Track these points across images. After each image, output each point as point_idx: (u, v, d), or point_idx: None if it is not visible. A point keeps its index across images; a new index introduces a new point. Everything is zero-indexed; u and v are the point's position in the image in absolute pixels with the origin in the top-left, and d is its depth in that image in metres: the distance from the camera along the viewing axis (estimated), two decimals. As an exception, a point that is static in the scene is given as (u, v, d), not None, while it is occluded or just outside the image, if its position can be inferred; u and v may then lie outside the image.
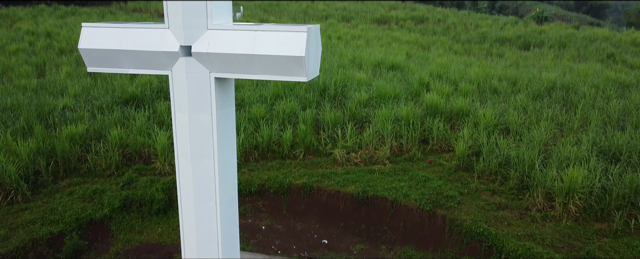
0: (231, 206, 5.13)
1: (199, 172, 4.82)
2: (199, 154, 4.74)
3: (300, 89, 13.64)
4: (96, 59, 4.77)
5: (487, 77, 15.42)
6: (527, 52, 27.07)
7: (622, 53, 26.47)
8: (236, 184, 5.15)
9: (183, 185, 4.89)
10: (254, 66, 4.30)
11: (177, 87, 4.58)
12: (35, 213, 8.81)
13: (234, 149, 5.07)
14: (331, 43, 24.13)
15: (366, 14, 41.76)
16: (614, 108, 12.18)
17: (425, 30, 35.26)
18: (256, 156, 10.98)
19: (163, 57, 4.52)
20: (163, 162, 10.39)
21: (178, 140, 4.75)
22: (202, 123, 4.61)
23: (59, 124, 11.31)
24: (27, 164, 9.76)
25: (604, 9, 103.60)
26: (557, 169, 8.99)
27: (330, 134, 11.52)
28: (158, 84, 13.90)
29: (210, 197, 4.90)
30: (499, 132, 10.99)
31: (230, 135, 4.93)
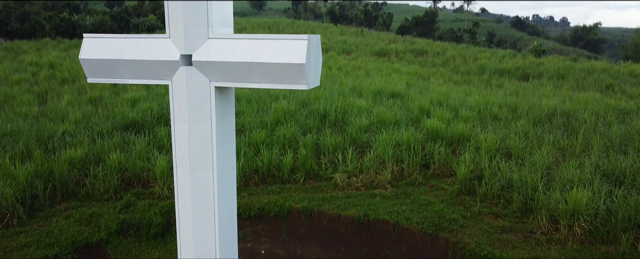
0: (230, 219, 5.03)
1: (198, 184, 4.74)
2: (198, 165, 4.68)
3: (301, 115, 13.64)
4: (97, 69, 4.77)
5: (487, 104, 15.45)
6: (526, 82, 27.26)
7: (621, 84, 26.63)
8: (235, 197, 5.06)
9: (181, 196, 4.80)
10: (254, 74, 4.29)
11: (177, 97, 4.56)
12: (30, 236, 8.64)
13: (233, 162, 5.01)
14: (332, 73, 24.33)
15: (366, 47, 42.29)
16: (615, 133, 12.14)
17: (424, 62, 35.62)
18: (256, 181, 10.87)
19: (163, 67, 4.52)
20: (162, 186, 10.28)
21: (177, 150, 4.69)
22: (201, 133, 4.57)
23: (58, 149, 11.25)
24: (25, 188, 9.65)
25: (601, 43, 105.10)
26: (561, 191, 8.88)
27: (331, 159, 11.45)
28: (159, 110, 13.92)
29: (209, 209, 4.80)
30: (501, 157, 10.91)
31: (229, 146, 4.88)
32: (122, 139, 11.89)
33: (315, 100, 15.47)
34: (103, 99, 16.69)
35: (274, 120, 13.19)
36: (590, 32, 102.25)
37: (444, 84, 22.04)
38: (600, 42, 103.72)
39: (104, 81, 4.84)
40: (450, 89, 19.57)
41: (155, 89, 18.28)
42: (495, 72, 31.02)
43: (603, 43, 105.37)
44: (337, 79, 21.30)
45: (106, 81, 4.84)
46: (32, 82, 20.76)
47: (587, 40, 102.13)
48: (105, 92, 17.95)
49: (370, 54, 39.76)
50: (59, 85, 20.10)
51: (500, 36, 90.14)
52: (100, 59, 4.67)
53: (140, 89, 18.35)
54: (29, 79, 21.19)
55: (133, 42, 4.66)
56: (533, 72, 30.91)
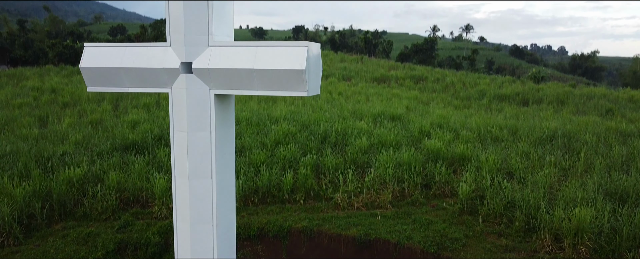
0: (229, 229, 4.95)
1: (196, 193, 4.68)
2: (197, 174, 4.63)
3: (301, 137, 13.62)
4: (97, 78, 4.77)
5: (487, 126, 15.45)
6: (526, 107, 27.34)
7: (621, 109, 26.71)
8: (234, 207, 4.99)
9: (179, 206, 4.74)
10: (254, 81, 4.29)
11: (176, 105, 4.54)
12: (26, 256, 8.51)
13: (232, 171, 4.96)
14: (332, 98, 24.42)
15: (366, 74, 42.60)
16: (617, 153, 12.09)
17: (424, 88, 35.82)
18: (256, 201, 10.77)
19: (163, 75, 4.52)
20: (161, 206, 10.18)
21: (176, 159, 4.65)
22: (200, 141, 4.54)
23: (57, 169, 11.19)
24: (22, 207, 9.55)
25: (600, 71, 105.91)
26: (564, 210, 8.77)
27: (332, 179, 11.37)
28: (159, 132, 13.91)
29: (207, 219, 4.73)
30: (503, 176, 10.84)
31: (229, 155, 4.84)
32: (121, 159, 11.84)
33: (315, 122, 15.48)
34: (104, 121, 16.70)
35: (274, 141, 13.17)
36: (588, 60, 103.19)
37: (444, 108, 22.09)
38: (599, 70, 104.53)
39: (104, 90, 4.84)
40: (450, 113, 19.61)
41: (155, 112, 18.32)
42: (495, 98, 31.15)
43: (601, 71, 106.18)
44: (337, 103, 21.36)
45: (106, 90, 4.84)
46: (34, 106, 20.84)
47: (586, 68, 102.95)
48: (106, 116, 17.98)
49: (371, 80, 40.02)
50: (60, 109, 20.15)
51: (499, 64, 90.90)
52: (100, 67, 4.68)
53: (141, 111, 18.40)
54: (30, 103, 21.27)
55: (133, 51, 4.68)
56: (532, 98, 31.04)
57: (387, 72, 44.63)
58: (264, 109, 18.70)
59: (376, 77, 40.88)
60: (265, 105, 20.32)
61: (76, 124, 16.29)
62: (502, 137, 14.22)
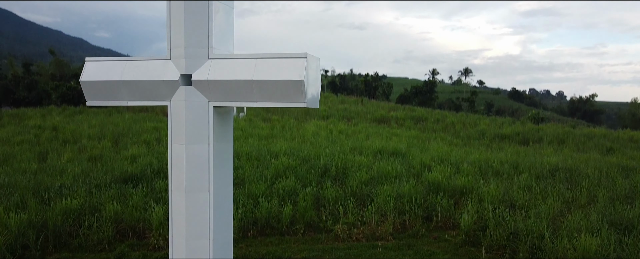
0: (226, 246, 4.83)
1: (193, 207, 4.60)
2: (194, 188, 4.57)
3: (301, 170, 13.55)
4: (96, 91, 4.80)
5: (488, 161, 15.38)
6: (526, 146, 27.31)
7: (622, 148, 26.68)
8: (231, 223, 4.90)
9: (175, 221, 4.65)
10: (253, 92, 4.30)
11: (175, 118, 4.54)
12: (17, 286, 8.29)
13: (230, 187, 4.90)
14: (332, 136, 24.46)
15: (366, 114, 42.85)
16: (620, 186, 11.98)
17: (424, 128, 35.92)
18: (254, 232, 10.58)
19: (163, 87, 4.54)
20: (157, 238, 9.99)
21: (173, 172, 4.60)
22: (198, 154, 4.50)
23: (53, 200, 11.06)
24: (16, 238, 9.38)
25: (599, 114, 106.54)
26: (569, 239, 8.60)
27: (332, 211, 11.21)
28: (158, 165, 13.85)
29: (203, 234, 4.63)
30: (505, 207, 10.69)
31: (227, 170, 4.79)
32: (119, 191, 11.73)
33: (315, 156, 15.43)
34: (103, 156, 16.67)
35: (274, 174, 13.09)
36: (586, 103, 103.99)
37: (445, 146, 22.07)
38: (598, 113, 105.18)
39: (103, 103, 4.85)
40: (451, 149, 19.58)
41: (156, 147, 18.31)
42: (495, 137, 31.19)
43: (600, 114, 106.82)
44: (337, 140, 21.38)
45: (105, 103, 4.86)
46: (34, 142, 20.86)
47: (584, 111, 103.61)
48: (106, 151, 17.96)
49: (371, 120, 40.21)
50: (61, 145, 20.16)
51: (498, 106, 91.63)
52: (100, 80, 4.72)
53: (141, 147, 18.39)
54: (31, 140, 21.31)
55: (134, 64, 4.73)
56: (533, 137, 31.07)
57: (387, 113, 44.89)
58: (264, 145, 18.69)
59: (376, 117, 41.09)
60: (265, 142, 20.33)
61: (76, 159, 16.25)
62: (503, 172, 14.14)
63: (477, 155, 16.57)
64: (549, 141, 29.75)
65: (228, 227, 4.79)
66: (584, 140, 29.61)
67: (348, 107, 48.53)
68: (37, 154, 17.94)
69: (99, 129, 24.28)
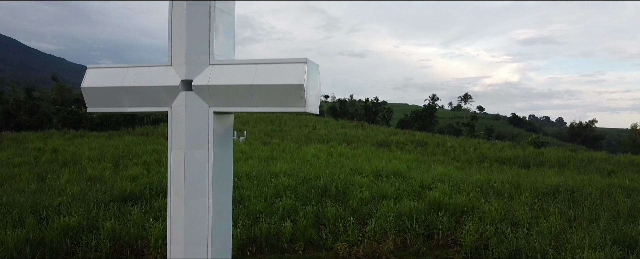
0: (224, 253, 4.78)
1: (192, 213, 4.56)
2: (193, 193, 4.54)
3: (301, 189, 13.49)
4: (97, 98, 4.82)
5: (489, 182, 15.32)
6: (527, 169, 27.23)
7: (623, 171, 26.60)
8: (230, 231, 4.85)
9: (173, 227, 4.59)
10: (253, 97, 4.32)
11: (175, 124, 4.55)
12: (12, 302, 8.15)
13: (230, 194, 4.86)
14: (333, 158, 24.42)
15: (367, 138, 42.87)
16: (622, 205, 11.90)
17: (425, 152, 35.88)
18: (254, 250, 10.47)
19: (164, 93, 4.56)
20: (156, 255, 9.87)
21: (172, 177, 4.58)
22: (198, 159, 4.49)
23: (51, 218, 10.98)
24: (12, 255, 9.27)
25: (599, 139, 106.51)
26: (572, 255, 8.51)
27: (332, 229, 11.11)
28: (158, 184, 13.79)
29: (202, 240, 4.58)
30: (507, 225, 10.60)
31: (226, 176, 4.77)
32: (118, 209, 11.65)
33: (315, 177, 15.37)
34: (103, 177, 16.61)
35: (274, 193, 13.02)
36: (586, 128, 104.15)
37: (446, 168, 22.01)
38: (598, 139, 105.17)
39: (103, 110, 4.86)
40: (451, 171, 19.52)
41: (155, 168, 18.27)
42: (496, 161, 31.12)
43: (601, 139, 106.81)
44: (338, 162, 21.34)
45: (106, 110, 4.87)
46: (33, 164, 20.82)
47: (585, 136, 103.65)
48: (105, 172, 17.90)
49: (371, 144, 40.20)
50: (60, 167, 20.11)
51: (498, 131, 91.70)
52: (101, 87, 4.74)
53: (141, 168, 18.34)
54: (30, 162, 21.27)
55: (135, 71, 4.76)
56: (533, 161, 31.01)
57: (387, 137, 44.92)
58: (264, 166, 18.64)
59: (376, 141, 41.10)
60: (265, 163, 20.29)
61: (75, 179, 16.19)
62: (504, 191, 14.07)
63: (478, 176, 16.51)
64: (550, 164, 29.68)
65: (227, 234, 4.74)
66: (585, 163, 29.54)
67: (348, 131, 48.59)
68: (36, 175, 17.88)
69: (98, 152, 24.27)
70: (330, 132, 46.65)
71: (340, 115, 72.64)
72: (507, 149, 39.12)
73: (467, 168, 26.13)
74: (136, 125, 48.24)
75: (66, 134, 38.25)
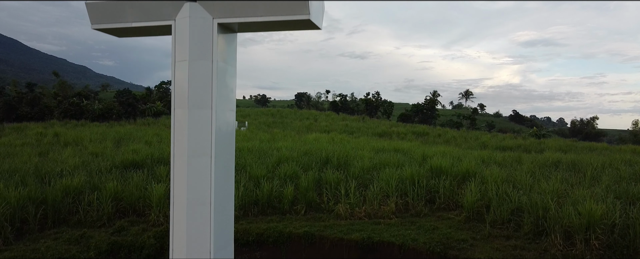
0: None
1: (195, 124, 4.52)
2: (197, 105, 4.49)
3: (303, 159, 13.48)
4: (101, 14, 4.81)
5: (490, 157, 15.31)
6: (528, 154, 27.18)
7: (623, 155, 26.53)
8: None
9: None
10: (257, 6, 4.31)
11: (179, 38, 4.53)
12: (14, 252, 8.16)
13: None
14: (334, 142, 24.41)
15: (368, 130, 42.82)
16: (624, 171, 11.89)
17: (426, 141, 35.84)
18: (255, 212, 10.48)
19: (167, 5, 4.56)
20: (158, 214, 9.88)
21: (176, 90, 4.54)
22: (202, 70, 4.44)
23: (54, 180, 11.00)
24: (15, 211, 9.29)
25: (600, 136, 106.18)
26: (574, 206, 8.51)
27: (333, 194, 11.11)
28: (159, 155, 13.80)
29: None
30: (508, 186, 10.60)
31: (230, 90, 4.74)
32: (120, 174, 11.67)
33: (317, 151, 15.37)
34: (104, 153, 16.61)
35: (276, 162, 13.02)
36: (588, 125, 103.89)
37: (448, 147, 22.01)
38: (599, 135, 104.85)
39: (107, 26, 4.86)
40: (453, 149, 19.51)
41: (157, 145, 18.26)
42: (498, 148, 31.04)
43: (602, 136, 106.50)
44: (339, 143, 21.34)
45: (109, 26, 4.86)
46: (35, 145, 20.83)
47: (586, 133, 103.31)
48: (106, 150, 17.91)
49: (372, 134, 40.15)
50: (62, 147, 20.12)
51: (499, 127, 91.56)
52: (105, 1, 4.74)
53: (142, 144, 18.35)
54: (32, 143, 21.29)
55: (139, -15, 4.77)
56: (535, 148, 30.95)
57: (388, 129, 44.88)
58: (266, 144, 18.65)
59: (378, 132, 41.06)
60: (267, 143, 20.29)
61: (77, 153, 16.20)
62: (505, 164, 14.06)
63: (480, 153, 16.50)
64: (552, 151, 29.63)
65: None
66: (587, 151, 29.50)
67: (349, 123, 48.56)
68: (38, 152, 17.89)
69: (100, 135, 24.29)
70: (332, 124, 46.62)
71: (341, 110, 72.51)
72: (509, 139, 39.08)
73: (469, 153, 26.12)
74: (137, 117, 48.23)
75: (67, 124, 38.28)
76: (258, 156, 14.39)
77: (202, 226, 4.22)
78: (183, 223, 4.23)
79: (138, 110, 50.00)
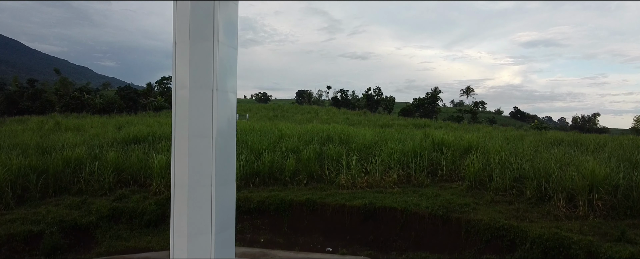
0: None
1: (197, 105, 4.32)
2: (198, 84, 4.29)
3: (305, 136, 13.46)
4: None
5: (492, 135, 15.27)
6: (530, 143, 27.11)
7: (626, 144, 26.45)
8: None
9: (178, 117, 4.36)
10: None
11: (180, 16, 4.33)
12: (16, 215, 8.15)
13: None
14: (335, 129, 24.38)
15: (369, 123, 42.74)
16: (627, 145, 11.85)
17: (427, 132, 35.76)
18: (257, 183, 10.45)
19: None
20: (159, 184, 9.86)
21: (177, 71, 4.36)
22: (203, 52, 4.29)
23: (55, 153, 10.98)
24: (16, 178, 9.27)
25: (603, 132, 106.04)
26: (577, 169, 8.47)
27: (335, 166, 11.08)
28: (161, 133, 13.78)
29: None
30: (511, 155, 10.56)
31: (232, 74, 4.56)
32: (121, 148, 11.65)
33: (318, 131, 15.34)
34: (106, 134, 16.60)
35: (278, 137, 13.00)
36: (590, 121, 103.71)
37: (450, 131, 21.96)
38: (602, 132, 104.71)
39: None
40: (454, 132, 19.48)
41: (159, 128, 18.24)
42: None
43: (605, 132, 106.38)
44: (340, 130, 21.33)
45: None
46: (37, 130, 20.82)
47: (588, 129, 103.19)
48: (108, 133, 17.89)
49: (374, 126, 40.10)
50: (63, 131, 20.10)
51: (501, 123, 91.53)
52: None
53: (143, 126, 18.34)
54: (33, 129, 21.27)
55: None
56: (536, 138, 30.91)
57: (390, 121, 44.81)
58: (268, 127, 18.63)
59: (379, 124, 40.98)
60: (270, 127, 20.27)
61: (78, 136, 16.18)
62: (508, 141, 14.02)
63: (482, 134, 16.46)
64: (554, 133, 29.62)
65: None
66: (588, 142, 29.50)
67: (350, 117, 48.50)
68: (39, 136, 17.88)
69: (102, 123, 24.29)
70: (332, 118, 46.55)
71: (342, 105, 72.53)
72: (511, 130, 39.01)
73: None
74: (139, 111, 48.21)
75: (69, 117, 38.26)
76: (260, 134, 14.36)
77: (203, 208, 4.16)
78: (184, 204, 4.18)
79: (139, 104, 49.98)
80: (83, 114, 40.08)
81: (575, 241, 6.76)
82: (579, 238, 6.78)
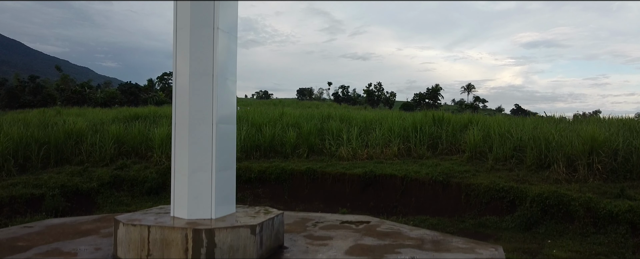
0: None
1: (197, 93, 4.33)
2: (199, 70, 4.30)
3: (305, 115, 13.49)
4: None
5: (493, 117, 15.29)
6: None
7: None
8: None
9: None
10: None
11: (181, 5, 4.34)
12: (18, 180, 8.20)
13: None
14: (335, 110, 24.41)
15: (370, 115, 42.83)
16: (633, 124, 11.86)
17: (428, 124, 35.77)
18: (257, 156, 10.48)
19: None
20: (160, 155, 9.90)
21: (178, 57, 4.36)
22: (204, 40, 4.29)
23: (56, 126, 11.03)
24: (18, 147, 9.31)
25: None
26: (577, 135, 8.49)
27: (336, 141, 11.09)
28: (161, 113, 13.82)
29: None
30: (511, 127, 10.58)
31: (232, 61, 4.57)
32: (123, 123, 11.70)
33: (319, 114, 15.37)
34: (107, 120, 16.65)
35: (278, 115, 13.03)
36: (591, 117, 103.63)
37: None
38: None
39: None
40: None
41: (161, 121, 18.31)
42: (500, 128, 31.07)
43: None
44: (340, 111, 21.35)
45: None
46: (37, 117, 20.87)
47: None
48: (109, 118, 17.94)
49: (374, 119, 40.19)
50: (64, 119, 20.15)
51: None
52: None
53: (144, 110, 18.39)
54: (35, 114, 21.33)
55: None
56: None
57: (390, 115, 44.89)
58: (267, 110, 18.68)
59: (380, 117, 41.09)
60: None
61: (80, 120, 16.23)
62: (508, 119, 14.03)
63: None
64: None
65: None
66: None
67: (351, 111, 48.58)
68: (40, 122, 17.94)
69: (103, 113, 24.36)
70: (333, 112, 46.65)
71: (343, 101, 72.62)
72: (511, 123, 39.10)
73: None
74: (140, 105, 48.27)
75: (70, 110, 38.35)
76: (260, 114, 14.42)
77: (203, 192, 4.19)
78: (185, 189, 4.22)
79: (140, 99, 50.06)
80: (84, 107, 40.14)
81: (575, 198, 6.79)
82: (578, 196, 6.81)
